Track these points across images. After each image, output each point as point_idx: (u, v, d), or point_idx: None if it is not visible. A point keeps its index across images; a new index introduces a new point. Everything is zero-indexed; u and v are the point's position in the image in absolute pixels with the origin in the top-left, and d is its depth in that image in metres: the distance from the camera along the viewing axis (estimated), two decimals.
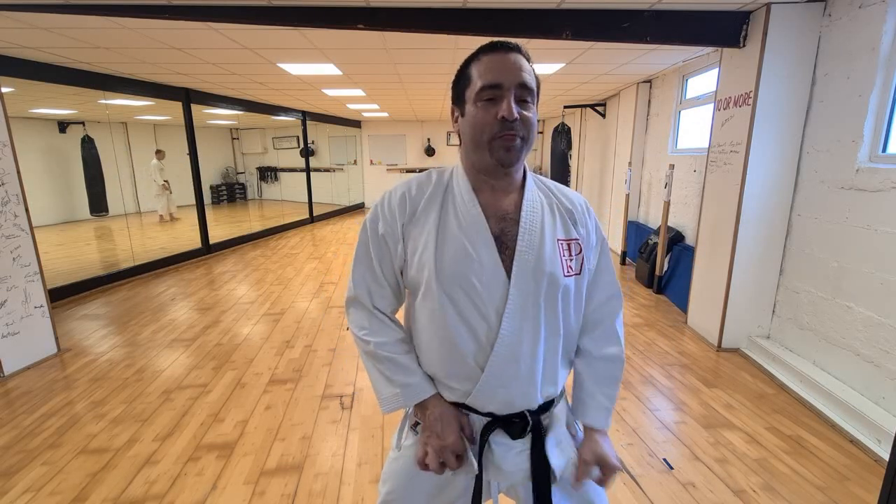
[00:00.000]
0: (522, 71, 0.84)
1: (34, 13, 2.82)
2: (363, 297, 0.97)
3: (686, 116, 4.79)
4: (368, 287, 0.97)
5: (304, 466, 2.12)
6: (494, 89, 0.83)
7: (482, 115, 0.84)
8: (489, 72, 0.84)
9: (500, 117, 0.82)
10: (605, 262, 1.02)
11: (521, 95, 0.84)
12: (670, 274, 4.60)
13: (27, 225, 3.20)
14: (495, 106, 0.83)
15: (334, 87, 6.07)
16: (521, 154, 0.87)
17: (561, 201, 0.97)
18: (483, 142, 0.86)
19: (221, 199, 12.33)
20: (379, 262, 0.95)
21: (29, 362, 3.17)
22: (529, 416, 0.92)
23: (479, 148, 0.87)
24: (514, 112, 0.82)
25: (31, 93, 5.52)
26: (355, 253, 0.99)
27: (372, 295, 0.97)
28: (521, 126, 0.84)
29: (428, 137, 11.66)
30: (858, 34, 2.49)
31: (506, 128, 0.83)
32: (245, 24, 2.99)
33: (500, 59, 0.84)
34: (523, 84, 0.84)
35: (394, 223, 0.93)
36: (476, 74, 0.86)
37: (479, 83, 0.84)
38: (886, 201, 2.32)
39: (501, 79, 0.83)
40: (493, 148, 0.85)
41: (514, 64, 0.84)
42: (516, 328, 0.87)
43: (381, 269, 0.95)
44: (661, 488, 1.97)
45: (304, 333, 3.70)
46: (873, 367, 2.38)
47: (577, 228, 0.96)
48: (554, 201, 0.96)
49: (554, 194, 0.98)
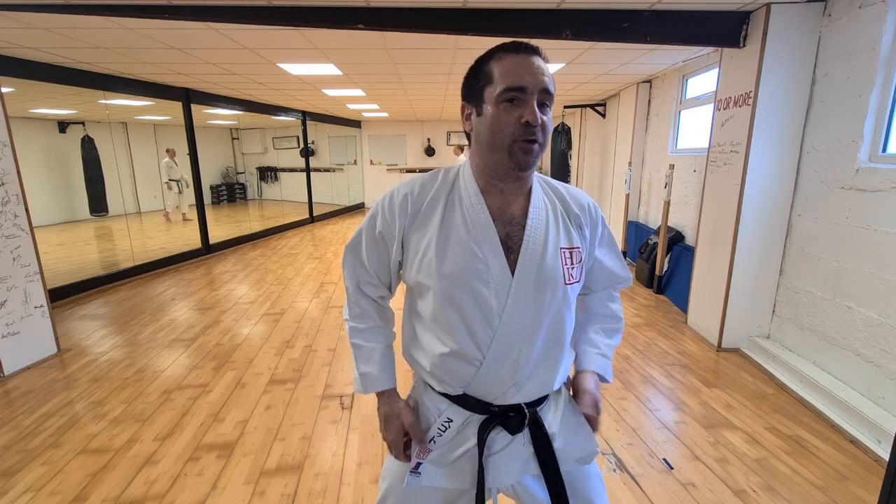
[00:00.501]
0: (545, 76, 0.84)
1: (34, 13, 2.82)
2: (350, 281, 1.03)
3: (686, 116, 4.79)
4: (356, 272, 1.02)
5: (304, 466, 2.12)
6: (518, 91, 0.82)
7: (504, 116, 0.83)
8: (513, 73, 0.83)
9: (525, 122, 0.82)
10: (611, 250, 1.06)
11: (543, 100, 0.84)
12: (670, 274, 4.60)
13: (27, 225, 3.20)
14: (517, 109, 0.83)
15: (334, 87, 6.07)
16: (537, 159, 0.87)
17: (568, 205, 0.97)
18: (503, 144, 0.85)
19: (221, 199, 12.33)
20: (367, 255, 0.99)
21: (29, 362, 3.17)
22: (526, 408, 0.93)
23: (497, 150, 0.86)
24: (538, 117, 0.82)
25: (31, 93, 5.53)
26: (349, 240, 1.02)
27: (359, 279, 1.02)
28: (541, 132, 0.84)
29: (428, 137, 11.66)
30: (858, 34, 2.49)
31: (528, 132, 0.83)
32: (245, 24, 2.99)
33: (525, 62, 0.84)
34: (546, 90, 0.84)
35: (392, 224, 0.93)
36: (498, 74, 0.84)
37: (503, 84, 0.83)
38: (886, 201, 2.32)
39: (526, 82, 0.82)
40: (513, 151, 0.85)
41: (538, 68, 0.84)
42: (513, 332, 0.88)
43: (369, 262, 1.00)
44: (661, 488, 1.97)
45: (304, 333, 3.70)
46: (873, 367, 2.38)
47: (584, 231, 0.97)
48: (559, 207, 0.96)
49: (561, 197, 0.97)
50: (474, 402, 0.94)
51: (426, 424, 0.98)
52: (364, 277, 1.01)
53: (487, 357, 0.89)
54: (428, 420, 0.98)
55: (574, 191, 1.01)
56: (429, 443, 0.96)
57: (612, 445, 2.27)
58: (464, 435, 0.95)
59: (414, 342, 0.98)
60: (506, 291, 0.87)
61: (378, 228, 0.95)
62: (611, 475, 2.04)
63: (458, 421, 0.95)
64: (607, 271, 1.05)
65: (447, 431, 0.95)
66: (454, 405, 0.95)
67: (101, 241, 7.61)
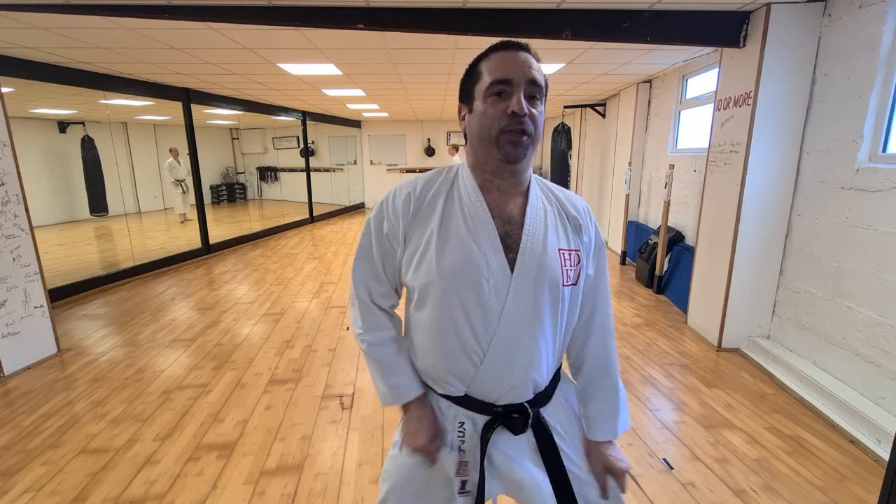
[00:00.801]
0: (532, 68, 0.85)
1: (34, 13, 2.82)
2: (362, 294, 1.00)
3: (686, 116, 4.79)
4: (368, 284, 1.00)
5: (304, 466, 2.12)
6: (504, 84, 0.84)
7: (491, 109, 0.85)
8: (499, 68, 0.85)
9: (511, 112, 0.83)
10: (602, 272, 1.01)
11: (531, 92, 0.85)
12: (670, 274, 4.60)
13: (27, 225, 3.20)
14: (504, 101, 0.84)
15: (334, 87, 6.07)
16: (527, 151, 0.87)
17: (565, 208, 0.97)
18: (491, 137, 0.86)
19: (221, 199, 12.33)
20: (381, 260, 0.97)
21: (29, 362, 3.17)
22: (529, 407, 0.93)
23: (486, 143, 0.87)
24: (524, 107, 0.83)
25: (31, 93, 5.53)
26: (357, 251, 1.00)
27: (371, 292, 1.00)
28: (529, 122, 0.84)
29: (428, 137, 11.66)
30: (858, 34, 2.49)
31: (515, 122, 0.83)
32: (245, 24, 2.99)
33: (511, 56, 0.85)
34: (533, 80, 0.84)
35: (397, 223, 0.93)
36: (486, 71, 0.86)
37: (489, 79, 0.85)
38: (886, 201, 2.32)
39: (511, 74, 0.84)
40: (501, 142, 0.85)
41: (524, 61, 0.85)
42: (513, 330, 0.88)
43: (384, 267, 0.97)
44: (661, 488, 1.97)
45: (304, 333, 3.70)
46: (873, 367, 2.38)
47: (581, 236, 0.96)
48: (557, 208, 0.96)
49: (558, 200, 0.98)
50: (477, 402, 0.94)
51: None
52: (377, 289, 0.99)
53: (488, 355, 0.89)
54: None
55: (570, 194, 1.02)
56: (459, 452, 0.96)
57: None
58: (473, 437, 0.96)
59: (415, 345, 0.98)
60: (505, 289, 0.87)
61: (385, 230, 0.94)
62: None
63: (469, 423, 0.95)
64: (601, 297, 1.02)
65: (466, 434, 0.95)
66: (455, 405, 0.96)
67: (101, 241, 7.61)
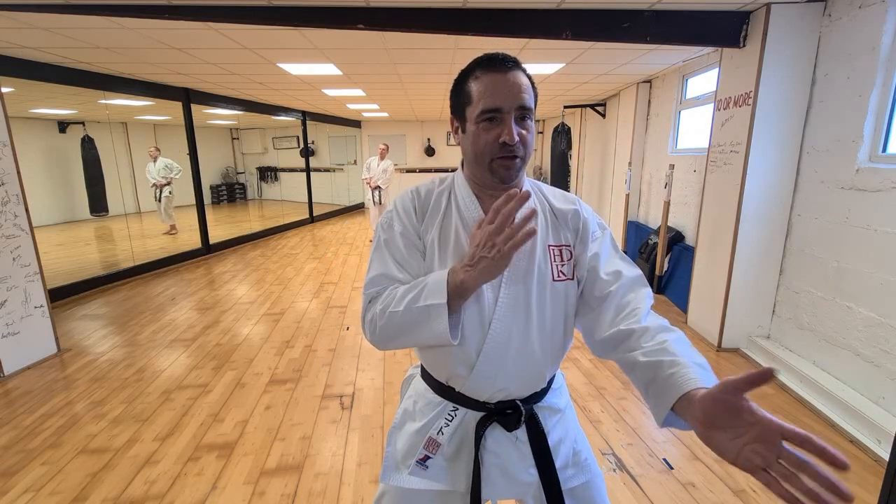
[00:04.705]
0: (522, 92, 0.85)
1: (34, 13, 2.82)
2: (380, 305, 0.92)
3: (686, 116, 4.79)
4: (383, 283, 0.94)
5: (304, 466, 2.12)
6: (495, 112, 0.85)
7: (484, 135, 0.86)
8: (489, 95, 0.85)
9: (502, 142, 0.85)
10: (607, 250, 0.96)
11: (521, 115, 0.86)
12: (670, 274, 4.60)
13: (27, 225, 3.20)
14: (496, 127, 0.85)
15: (334, 87, 6.07)
16: (520, 171, 0.91)
17: (555, 207, 0.98)
18: (484, 162, 0.89)
19: (221, 199, 12.32)
20: (397, 260, 0.93)
21: (29, 362, 3.16)
22: (521, 405, 0.94)
23: (480, 166, 0.90)
24: (514, 136, 0.84)
25: (31, 93, 5.52)
26: (369, 263, 0.97)
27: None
28: (520, 147, 0.87)
29: (428, 137, 11.66)
30: (858, 34, 2.49)
31: (506, 150, 0.86)
32: (245, 24, 3.00)
33: (501, 81, 0.85)
34: (523, 107, 0.86)
35: (410, 221, 0.96)
36: (476, 95, 0.87)
37: (480, 106, 0.86)
38: (886, 201, 2.32)
39: (501, 103, 0.84)
40: (494, 168, 0.89)
41: (514, 84, 0.85)
42: (506, 328, 0.90)
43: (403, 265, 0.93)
44: (661, 488, 1.97)
45: (304, 333, 3.70)
46: (873, 367, 2.38)
47: (572, 230, 0.97)
48: (547, 207, 0.98)
49: (547, 199, 1.00)
50: (471, 399, 0.95)
51: (428, 418, 0.98)
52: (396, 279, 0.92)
53: (483, 352, 0.90)
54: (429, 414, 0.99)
55: (559, 192, 1.03)
56: (437, 434, 0.96)
57: (612, 445, 2.27)
58: (464, 430, 0.96)
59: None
60: (497, 284, 0.90)
61: (399, 230, 0.95)
62: (611, 475, 2.04)
63: (461, 411, 0.97)
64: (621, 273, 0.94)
65: (453, 421, 0.96)
66: (448, 400, 0.97)
67: (101, 241, 7.61)
